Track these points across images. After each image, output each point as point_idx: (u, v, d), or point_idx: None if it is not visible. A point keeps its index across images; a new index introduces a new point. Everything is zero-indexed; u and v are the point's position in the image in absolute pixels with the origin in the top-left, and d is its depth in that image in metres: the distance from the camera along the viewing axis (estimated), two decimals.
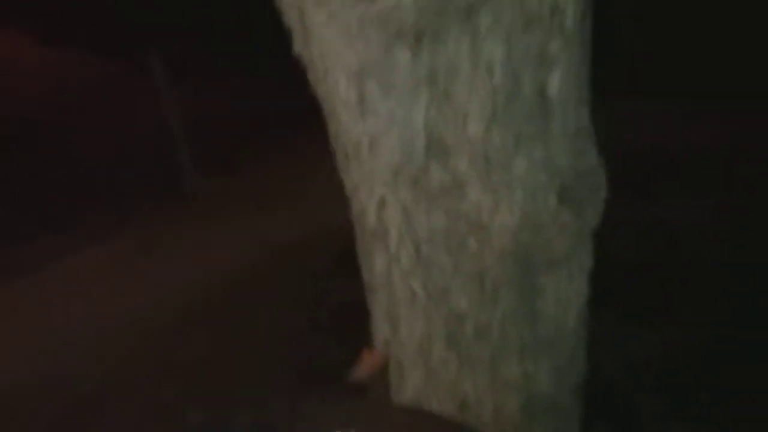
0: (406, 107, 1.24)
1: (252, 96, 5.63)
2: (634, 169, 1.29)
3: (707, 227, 2.98)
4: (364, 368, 1.07)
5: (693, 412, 2.03)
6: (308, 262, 3.42)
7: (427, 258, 1.36)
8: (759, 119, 3.88)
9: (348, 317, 2.88)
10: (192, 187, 4.52)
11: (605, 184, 1.40)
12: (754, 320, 2.37)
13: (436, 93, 1.23)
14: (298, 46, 1.32)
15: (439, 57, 1.20)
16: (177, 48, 5.00)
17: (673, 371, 2.18)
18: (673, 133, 3.90)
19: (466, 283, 1.37)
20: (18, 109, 5.62)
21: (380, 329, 1.53)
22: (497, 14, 1.17)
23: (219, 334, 2.96)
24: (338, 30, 1.22)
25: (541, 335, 1.43)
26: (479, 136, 1.25)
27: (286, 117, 4.75)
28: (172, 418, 2.47)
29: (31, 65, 6.54)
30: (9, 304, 3.41)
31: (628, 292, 2.25)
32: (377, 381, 1.08)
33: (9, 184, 4.29)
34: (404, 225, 1.36)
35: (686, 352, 2.24)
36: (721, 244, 2.86)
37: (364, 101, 1.26)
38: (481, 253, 1.34)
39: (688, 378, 2.14)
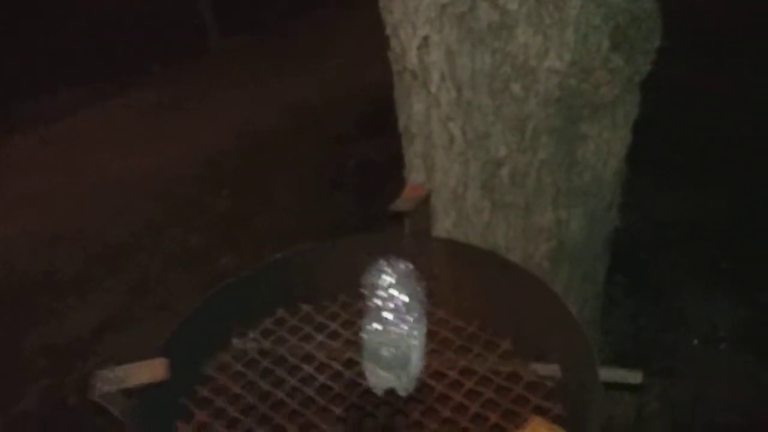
0: None
1: None
2: (670, 32, 1.24)
3: (741, 96, 2.90)
4: (406, 199, 1.07)
5: (712, 274, 2.07)
6: (329, 125, 3.41)
7: (468, 101, 1.33)
8: None
9: (369, 178, 2.91)
10: (214, 43, 4.40)
11: (660, 32, 1.33)
12: None
13: None
14: None
15: None
16: None
17: (695, 233, 2.20)
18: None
19: (506, 128, 1.35)
20: None
21: (414, 176, 1.54)
22: None
23: (241, 192, 3.00)
24: None
25: (578, 184, 1.43)
26: None
27: None
28: (201, 264, 2.56)
29: None
30: (33, 154, 3.45)
31: (657, 152, 2.22)
32: (418, 212, 1.08)
33: (29, 36, 4.20)
34: (447, 66, 1.31)
35: (710, 216, 2.25)
36: (754, 115, 2.79)
37: None
38: (525, 98, 1.31)
39: (710, 241, 2.17)
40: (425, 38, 1.31)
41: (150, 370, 0.83)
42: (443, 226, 1.48)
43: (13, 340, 2.32)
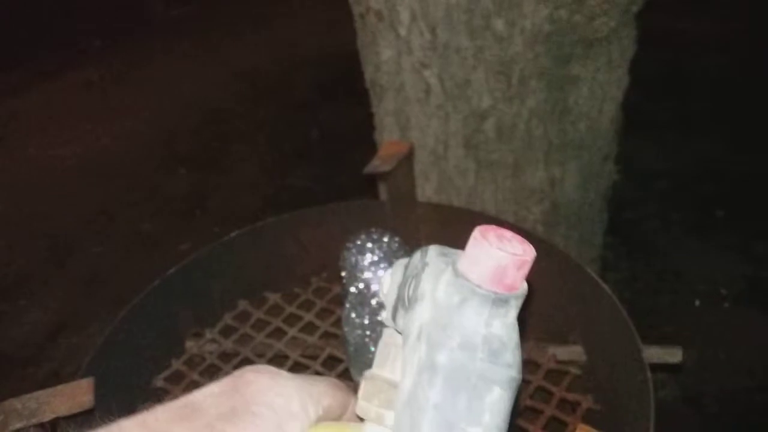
0: None
1: None
2: None
3: (723, 42, 2.77)
4: (385, 157, 0.88)
5: (705, 226, 1.94)
6: (288, 92, 3.20)
7: (444, 44, 1.15)
8: None
9: (334, 147, 2.73)
10: (155, 13, 4.12)
11: None
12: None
13: None
14: None
15: None
16: None
17: (681, 184, 2.07)
18: None
19: (489, 74, 1.17)
20: None
21: (387, 137, 1.35)
22: None
23: (198, 170, 2.79)
24: None
25: (572, 136, 1.26)
26: None
27: None
28: (157, 249, 2.35)
29: None
30: None
31: (639, 105, 2.11)
32: (399, 173, 0.90)
33: None
34: (417, 3, 1.13)
35: (695, 165, 2.13)
36: (736, 61, 2.67)
37: None
38: (510, 36, 1.13)
39: (699, 191, 2.04)
40: None
41: (70, 397, 0.63)
42: (424, 192, 1.30)
43: None
